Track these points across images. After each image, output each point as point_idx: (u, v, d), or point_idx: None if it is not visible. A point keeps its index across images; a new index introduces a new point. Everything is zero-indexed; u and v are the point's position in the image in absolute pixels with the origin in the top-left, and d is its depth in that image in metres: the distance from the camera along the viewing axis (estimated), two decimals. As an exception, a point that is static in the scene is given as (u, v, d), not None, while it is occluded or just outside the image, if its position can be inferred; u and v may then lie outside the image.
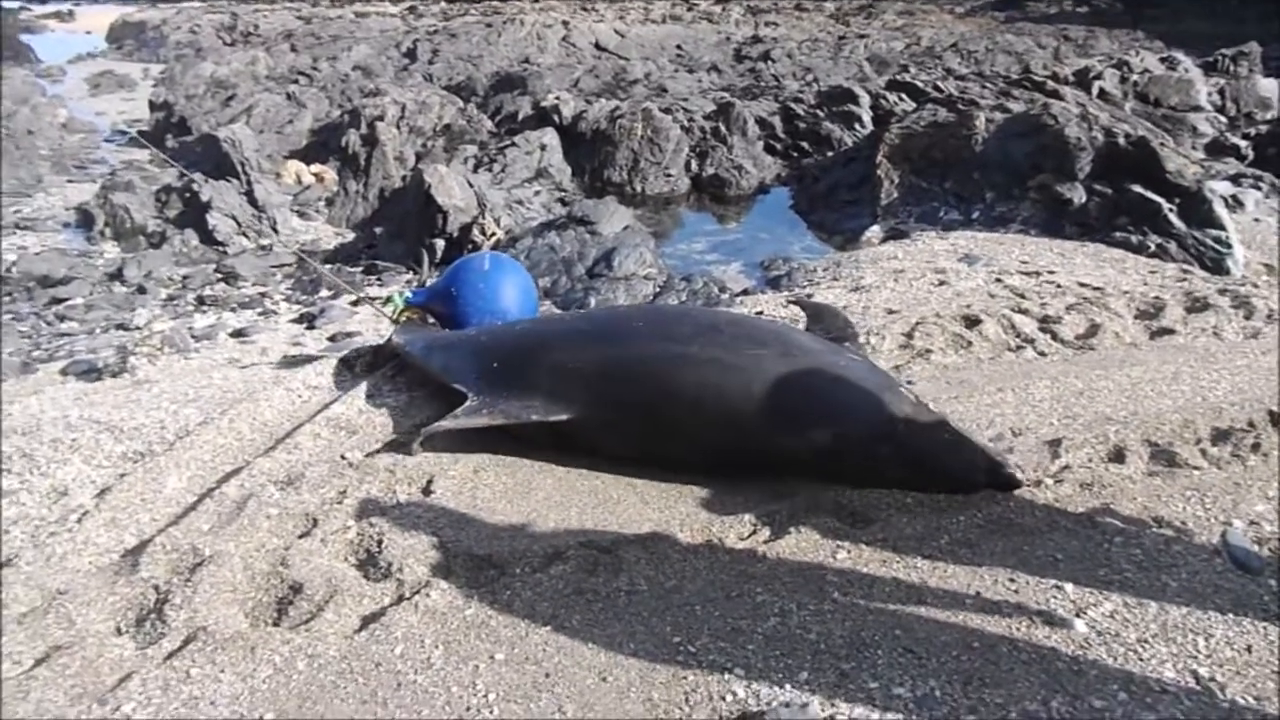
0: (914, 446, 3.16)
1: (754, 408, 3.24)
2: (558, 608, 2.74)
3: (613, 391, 3.48)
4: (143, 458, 3.75)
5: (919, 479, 3.21)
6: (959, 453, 3.17)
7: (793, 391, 3.22)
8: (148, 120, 16.67)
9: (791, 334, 3.60)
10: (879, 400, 3.21)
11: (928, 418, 3.22)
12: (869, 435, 3.19)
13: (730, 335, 3.46)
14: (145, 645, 2.62)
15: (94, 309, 7.87)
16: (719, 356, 3.35)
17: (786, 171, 12.38)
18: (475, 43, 23.50)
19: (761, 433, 3.26)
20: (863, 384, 3.27)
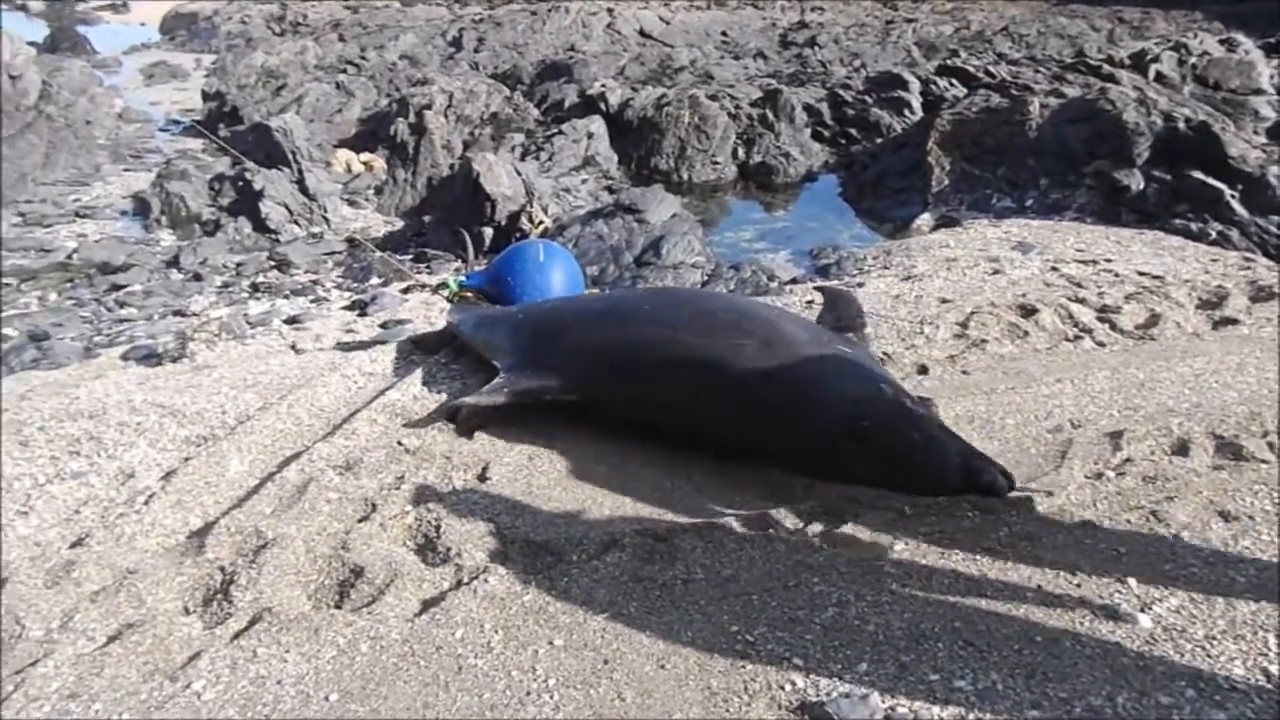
0: (881, 444, 3.08)
1: (731, 396, 3.33)
2: (615, 595, 2.75)
3: (615, 373, 3.65)
4: (205, 442, 3.83)
5: (887, 477, 3.13)
6: (928, 454, 3.03)
7: (765, 382, 3.28)
8: (200, 110, 16.93)
9: (782, 324, 3.58)
10: (849, 395, 3.20)
11: (902, 416, 3.12)
12: (833, 430, 3.15)
13: (721, 322, 3.54)
14: (212, 625, 2.69)
15: (152, 295, 8.03)
16: (705, 344, 3.44)
17: (834, 159, 12.26)
18: (520, 31, 23.54)
19: (737, 420, 3.34)
20: (837, 379, 3.27)
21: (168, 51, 28.37)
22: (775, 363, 3.29)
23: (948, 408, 3.93)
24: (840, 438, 3.13)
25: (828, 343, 3.49)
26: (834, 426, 3.15)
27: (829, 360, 3.33)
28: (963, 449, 3.06)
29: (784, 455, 3.34)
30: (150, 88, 21.58)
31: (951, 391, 4.14)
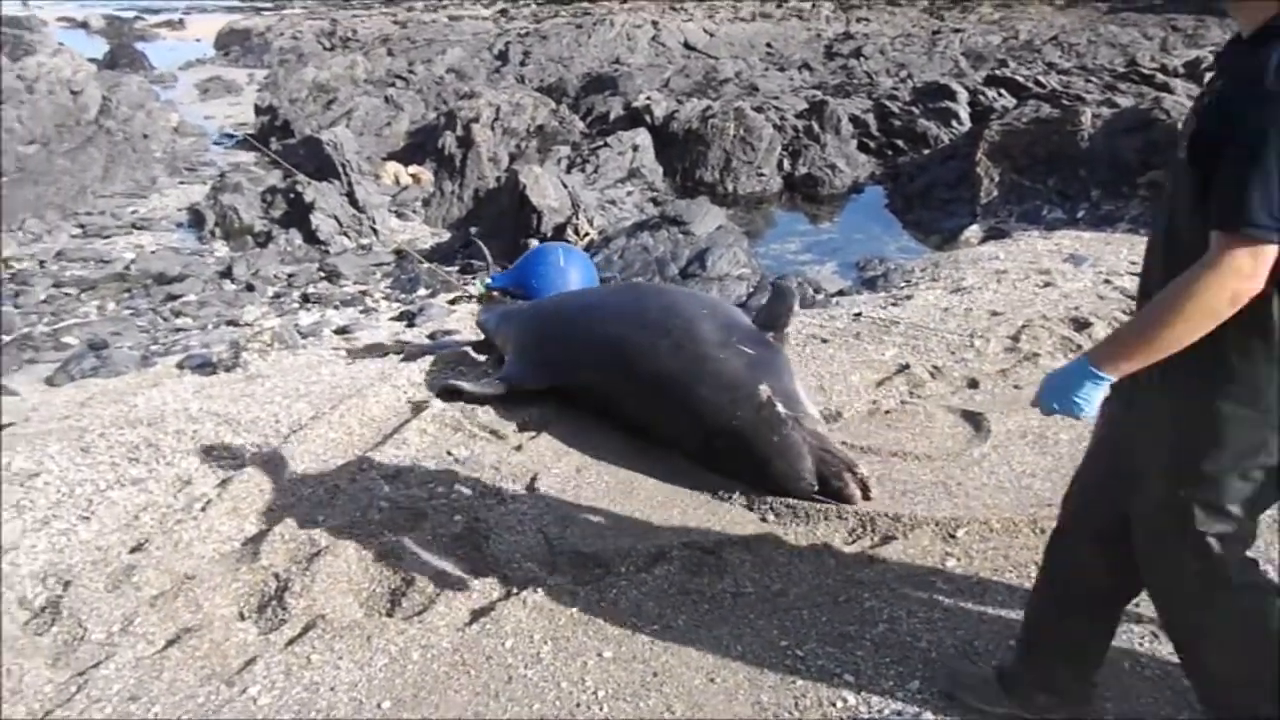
0: (744, 442, 3.37)
1: (644, 388, 3.72)
2: (664, 607, 2.75)
3: (577, 366, 4.07)
4: (260, 450, 3.90)
5: (750, 473, 3.37)
6: (784, 457, 3.28)
7: (666, 377, 3.66)
8: (253, 123, 17.28)
9: (699, 324, 3.79)
10: (726, 396, 3.48)
11: (766, 419, 3.35)
12: (709, 425, 3.47)
13: (650, 320, 3.87)
14: (267, 631, 2.73)
15: (206, 305, 8.20)
16: (634, 340, 3.82)
17: (881, 170, 12.18)
18: (566, 44, 23.74)
19: (649, 410, 3.73)
20: (721, 380, 3.52)
21: (222, 67, 29.01)
22: (677, 360, 3.65)
23: (999, 422, 3.88)
24: (713, 433, 3.45)
25: (733, 344, 3.67)
26: (710, 422, 3.47)
27: (722, 362, 3.59)
28: (822, 457, 3.28)
29: (681, 446, 3.62)
30: (205, 102, 22.08)
31: (1003, 406, 4.08)
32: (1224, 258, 1.59)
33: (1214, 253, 1.61)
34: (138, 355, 6.73)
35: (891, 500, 3.32)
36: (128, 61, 26.96)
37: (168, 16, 50.26)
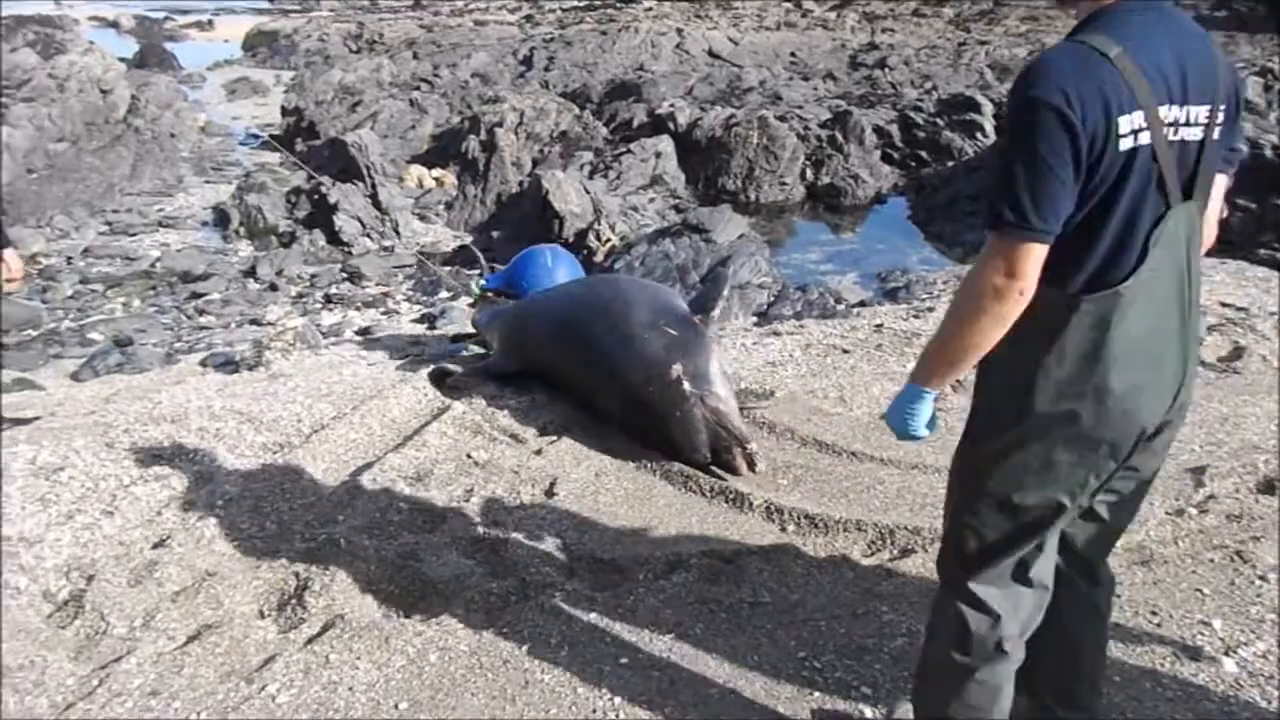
0: (653, 412, 3.71)
1: (584, 365, 4.12)
2: (681, 615, 2.75)
3: (540, 348, 4.50)
4: (281, 449, 3.92)
5: (657, 440, 3.72)
6: (684, 428, 3.62)
7: (600, 354, 4.03)
8: (279, 124, 17.44)
9: (634, 310, 4.10)
10: (643, 372, 3.79)
11: (673, 394, 3.66)
12: (628, 396, 3.82)
13: (598, 306, 4.24)
14: (287, 629, 2.74)
15: (230, 304, 8.28)
16: (581, 323, 4.22)
17: (904, 181, 12.16)
18: (590, 50, 23.82)
19: (589, 384, 4.12)
20: (642, 357, 3.83)
21: (249, 68, 29.29)
22: (609, 340, 4.01)
23: (1021, 437, 3.85)
24: (630, 404, 3.83)
25: (659, 326, 3.97)
26: (628, 395, 3.83)
27: (645, 342, 3.89)
28: (718, 432, 3.60)
29: (609, 415, 4.01)
30: (232, 103, 22.30)
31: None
32: (983, 255, 1.62)
33: (981, 252, 1.64)
34: (162, 352, 6.80)
35: (911, 513, 3.31)
36: (157, 61, 27.29)
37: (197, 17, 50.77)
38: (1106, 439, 1.65)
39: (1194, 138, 1.59)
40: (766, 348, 5.25)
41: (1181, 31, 1.60)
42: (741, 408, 3.93)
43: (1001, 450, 1.73)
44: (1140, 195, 1.56)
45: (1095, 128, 1.51)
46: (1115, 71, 1.52)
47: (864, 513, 3.33)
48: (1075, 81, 1.52)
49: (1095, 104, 1.51)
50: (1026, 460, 1.70)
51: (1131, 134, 1.53)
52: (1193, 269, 1.63)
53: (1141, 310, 1.59)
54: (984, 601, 1.80)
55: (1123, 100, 1.52)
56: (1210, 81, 1.59)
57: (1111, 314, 1.59)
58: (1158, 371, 1.64)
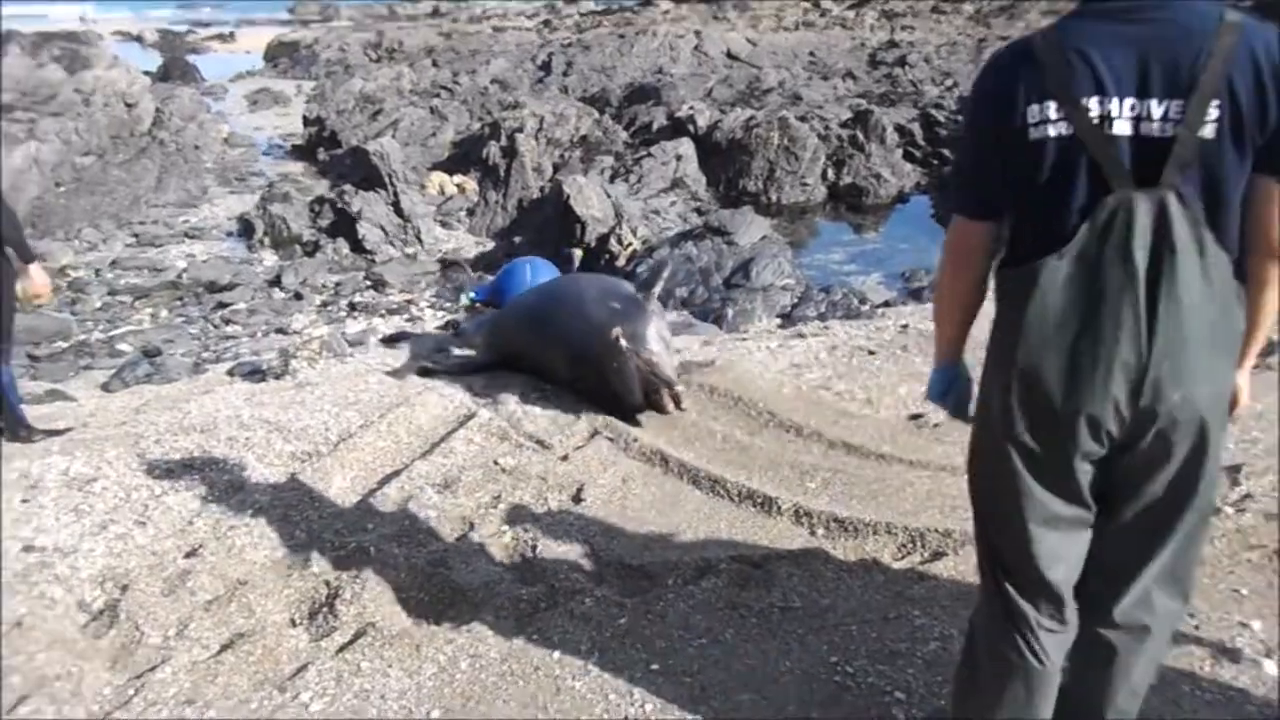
0: (597, 370, 4.27)
1: (549, 341, 4.72)
2: (711, 621, 2.73)
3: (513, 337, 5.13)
4: (310, 458, 3.95)
5: (601, 394, 4.31)
6: (620, 380, 4.17)
7: (561, 330, 4.66)
8: (301, 134, 17.58)
9: (589, 290, 4.82)
10: (590, 339, 4.33)
11: (612, 354, 4.18)
12: (578, 359, 4.42)
13: (559, 294, 5.01)
14: (319, 637, 2.75)
15: (255, 313, 8.35)
16: (545, 308, 4.99)
17: (927, 179, 12.10)
18: (608, 54, 23.86)
19: (547, 357, 4.72)
20: (590, 330, 4.36)
21: (271, 78, 29.54)
22: (566, 316, 4.67)
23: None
24: (579, 363, 4.42)
25: (606, 303, 4.60)
26: (578, 355, 4.43)
27: (594, 314, 4.49)
28: (649, 380, 4.18)
29: (564, 378, 4.62)
30: (254, 113, 22.50)
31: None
32: (946, 236, 1.85)
33: None
34: (190, 362, 6.87)
35: (942, 515, 3.28)
36: (180, 74, 27.57)
37: (219, 30, 51.37)
38: (1025, 417, 1.67)
39: (1156, 132, 1.57)
40: (791, 350, 5.23)
41: (1164, 27, 1.58)
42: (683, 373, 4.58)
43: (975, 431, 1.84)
44: (1062, 181, 1.61)
45: (1004, 115, 1.64)
46: (1034, 62, 1.63)
47: (894, 516, 3.30)
48: (995, 73, 1.69)
49: (1006, 93, 1.64)
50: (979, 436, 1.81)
51: (1041, 123, 1.61)
52: (1166, 260, 1.57)
53: (1065, 291, 1.62)
54: (1022, 610, 1.77)
55: (1033, 90, 1.61)
56: (1183, 77, 1.56)
57: (1030, 288, 1.64)
58: (1089, 358, 1.60)
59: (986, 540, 1.85)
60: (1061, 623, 1.78)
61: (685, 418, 4.25)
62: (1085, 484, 1.69)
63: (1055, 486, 1.69)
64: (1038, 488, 1.70)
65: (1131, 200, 1.58)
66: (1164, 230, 1.57)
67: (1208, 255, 1.58)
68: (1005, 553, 1.79)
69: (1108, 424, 1.62)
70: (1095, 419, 1.61)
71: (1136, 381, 1.59)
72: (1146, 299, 1.58)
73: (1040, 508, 1.70)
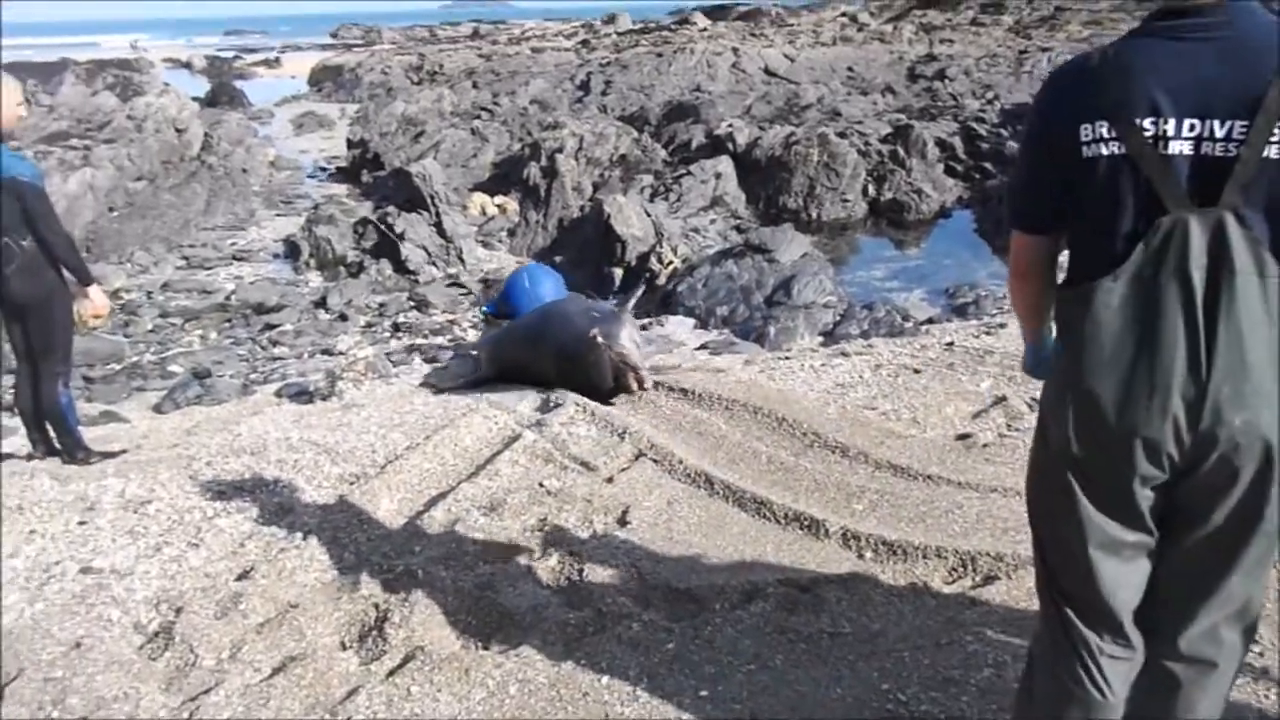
0: (577, 365, 5.04)
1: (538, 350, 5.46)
2: (760, 646, 2.71)
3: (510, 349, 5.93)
4: (357, 480, 3.99)
5: (581, 384, 5.01)
6: (596, 370, 4.93)
7: (548, 336, 5.43)
8: (345, 157, 17.84)
9: (572, 307, 5.75)
10: (573, 340, 5.12)
11: (588, 350, 4.95)
12: (562, 356, 5.20)
13: (550, 315, 5.74)
14: (368, 661, 2.78)
15: (302, 335, 8.46)
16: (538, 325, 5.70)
17: (969, 194, 11.97)
18: (646, 73, 23.96)
19: (539, 363, 5.42)
20: (573, 332, 5.16)
21: (315, 102, 30.05)
22: (559, 331, 5.38)
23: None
24: (565, 360, 5.18)
25: (588, 314, 5.40)
26: (563, 354, 5.20)
27: (577, 323, 5.25)
28: (619, 367, 4.88)
29: (552, 378, 5.27)
30: (299, 136, 22.88)
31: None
32: None
33: None
34: (239, 383, 6.97)
35: (993, 539, 3.23)
36: (228, 99, 28.15)
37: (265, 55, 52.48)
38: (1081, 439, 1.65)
39: (1218, 152, 1.54)
40: (835, 369, 5.20)
41: (1229, 45, 1.56)
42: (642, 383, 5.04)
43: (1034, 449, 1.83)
44: (1116, 201, 1.60)
45: (1061, 133, 1.65)
46: (1091, 81, 1.63)
47: (943, 538, 3.26)
48: (1052, 90, 1.71)
49: (1062, 110, 1.66)
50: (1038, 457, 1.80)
51: (1094, 142, 1.60)
52: (1225, 282, 1.53)
53: (1121, 312, 1.59)
54: (1084, 636, 1.74)
55: (1088, 109, 1.61)
56: (1248, 96, 1.52)
57: (1085, 310, 1.63)
58: (1145, 381, 1.57)
59: (1045, 563, 1.82)
60: (1125, 649, 1.74)
61: (730, 438, 4.24)
62: (1146, 509, 1.65)
63: (1114, 511, 1.66)
64: (1096, 512, 1.67)
65: (1187, 221, 1.55)
66: (1221, 251, 1.54)
67: (1268, 276, 1.54)
68: (1064, 577, 1.76)
69: (1167, 447, 1.58)
70: (1153, 442, 1.58)
71: (1195, 405, 1.55)
72: (1205, 321, 1.54)
73: (1099, 532, 1.67)
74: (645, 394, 4.91)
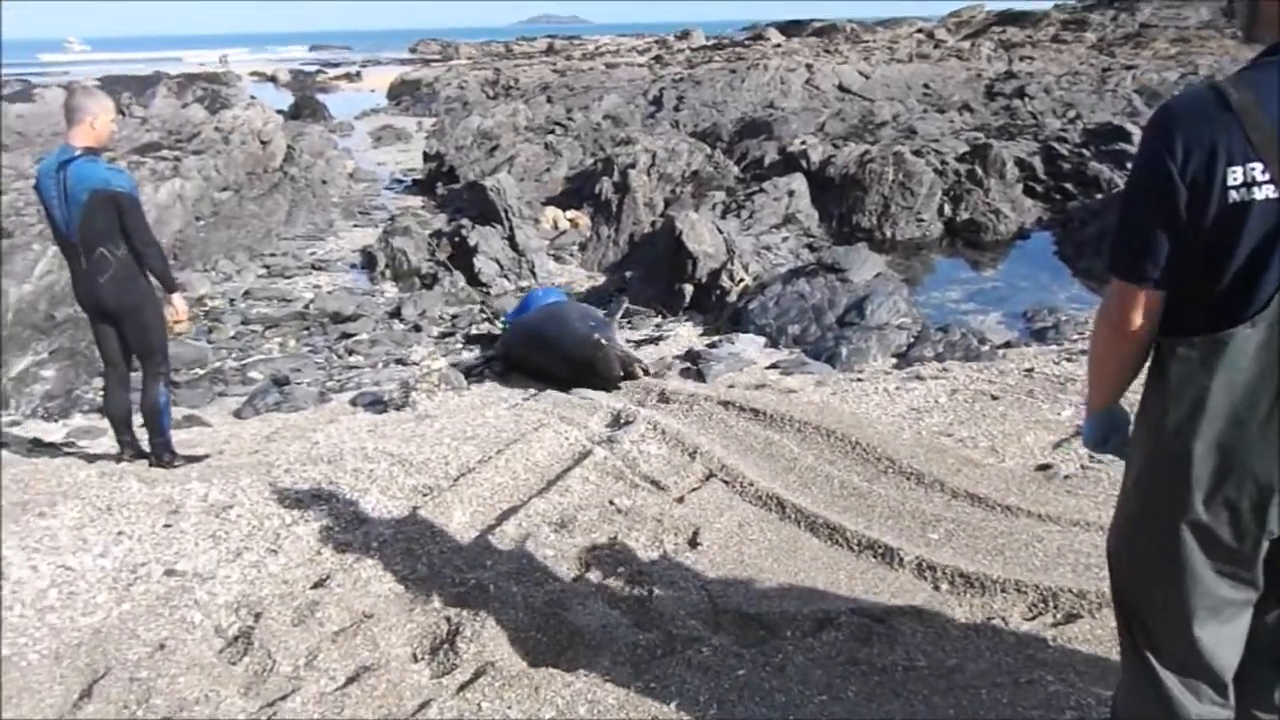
0: (587, 361, 6.01)
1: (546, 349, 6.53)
2: (832, 677, 2.67)
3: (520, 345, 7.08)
4: (431, 492, 4.04)
5: (589, 378, 5.96)
6: (604, 362, 5.94)
7: (554, 339, 6.43)
8: (421, 169, 18.19)
9: (571, 315, 6.73)
10: (578, 342, 6.13)
11: (593, 347, 5.99)
12: (572, 359, 6.15)
13: (554, 317, 6.78)
14: (440, 674, 2.80)
15: (377, 344, 8.63)
16: (545, 327, 6.79)
17: (1049, 215, 11.71)
18: (719, 89, 23.99)
19: (547, 360, 6.44)
20: (577, 335, 6.20)
21: (393, 116, 30.74)
22: (561, 334, 6.41)
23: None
24: (572, 361, 6.14)
25: (586, 323, 6.46)
26: (571, 356, 6.16)
27: (578, 329, 6.31)
28: (623, 360, 5.99)
29: (562, 375, 6.20)
30: (378, 149, 23.41)
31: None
32: (1103, 299, 1.73)
33: None
34: (315, 391, 7.13)
35: (1075, 575, 3.14)
36: (310, 112, 28.96)
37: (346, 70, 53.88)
38: (1207, 495, 1.56)
39: None
40: (910, 393, 5.11)
41: None
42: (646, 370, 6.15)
43: (1124, 498, 1.76)
44: (1264, 246, 1.50)
45: (1198, 177, 1.51)
46: (1234, 119, 1.49)
47: (1023, 572, 3.17)
48: (1184, 129, 1.53)
49: (1200, 153, 1.50)
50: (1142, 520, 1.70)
51: (1244, 185, 1.49)
52: None
53: (1257, 360, 1.51)
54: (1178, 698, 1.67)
55: (1235, 150, 1.49)
56: None
57: (1217, 359, 1.53)
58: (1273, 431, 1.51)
59: (1137, 621, 1.74)
60: (1222, 708, 1.67)
61: (802, 461, 4.20)
62: (1261, 564, 1.58)
63: (1231, 570, 1.59)
64: (1209, 573, 1.59)
65: None
66: None
67: None
68: (1161, 637, 1.69)
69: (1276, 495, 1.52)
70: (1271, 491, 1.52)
71: None
72: None
73: (1208, 595, 1.60)
74: (700, 406, 5.02)
